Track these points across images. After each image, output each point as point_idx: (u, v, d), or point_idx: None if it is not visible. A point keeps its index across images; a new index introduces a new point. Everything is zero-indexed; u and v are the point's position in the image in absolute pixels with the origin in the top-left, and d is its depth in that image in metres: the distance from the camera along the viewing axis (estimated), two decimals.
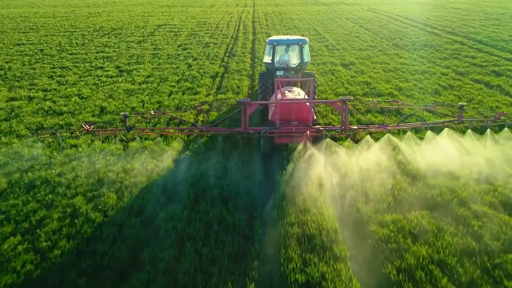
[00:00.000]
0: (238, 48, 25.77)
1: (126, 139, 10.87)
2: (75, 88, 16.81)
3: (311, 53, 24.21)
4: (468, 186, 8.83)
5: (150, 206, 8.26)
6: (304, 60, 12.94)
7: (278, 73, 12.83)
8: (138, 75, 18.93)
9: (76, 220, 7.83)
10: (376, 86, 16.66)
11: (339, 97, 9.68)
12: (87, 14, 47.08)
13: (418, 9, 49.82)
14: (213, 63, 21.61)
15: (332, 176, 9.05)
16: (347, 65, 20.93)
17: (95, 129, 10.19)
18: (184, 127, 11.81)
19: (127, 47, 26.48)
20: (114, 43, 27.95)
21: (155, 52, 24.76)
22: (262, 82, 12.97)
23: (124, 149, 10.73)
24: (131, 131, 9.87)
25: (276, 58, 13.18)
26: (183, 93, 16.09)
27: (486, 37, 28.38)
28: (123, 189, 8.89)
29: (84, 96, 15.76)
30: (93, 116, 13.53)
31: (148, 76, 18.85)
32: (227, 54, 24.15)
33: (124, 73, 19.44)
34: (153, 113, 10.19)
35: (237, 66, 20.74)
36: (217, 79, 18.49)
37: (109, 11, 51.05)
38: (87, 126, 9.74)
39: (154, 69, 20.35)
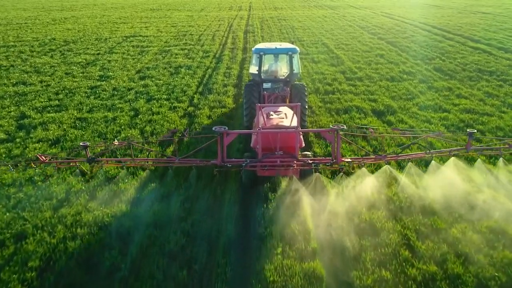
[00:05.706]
0: (218, 77, 18.18)
1: (87, 171, 9.18)
2: None
3: (323, 85, 16.70)
4: None
5: None
6: (294, 71, 11.81)
7: (266, 85, 11.72)
8: (38, 140, 11.33)
9: None
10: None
11: (330, 126, 8.39)
12: (50, 21, 39.53)
13: (441, 15, 42.20)
14: (175, 107, 14.05)
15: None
16: (382, 113, 13.34)
17: (52, 160, 8.73)
18: (153, 158, 10.05)
19: (65, 74, 18.93)
20: (52, 66, 20.39)
21: (99, 83, 17.19)
22: (248, 97, 11.50)
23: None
24: (93, 163, 8.51)
25: (263, 69, 12.05)
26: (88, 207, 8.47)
27: None
28: None
29: None
30: None
31: (55, 142, 11.26)
32: (200, 88, 16.59)
33: (21, 134, 11.79)
34: (117, 143, 9.17)
35: (209, 117, 13.16)
36: (171, 148, 10.92)
37: (78, 16, 43.48)
38: (43, 157, 8.36)
39: (77, 121, 12.77)
